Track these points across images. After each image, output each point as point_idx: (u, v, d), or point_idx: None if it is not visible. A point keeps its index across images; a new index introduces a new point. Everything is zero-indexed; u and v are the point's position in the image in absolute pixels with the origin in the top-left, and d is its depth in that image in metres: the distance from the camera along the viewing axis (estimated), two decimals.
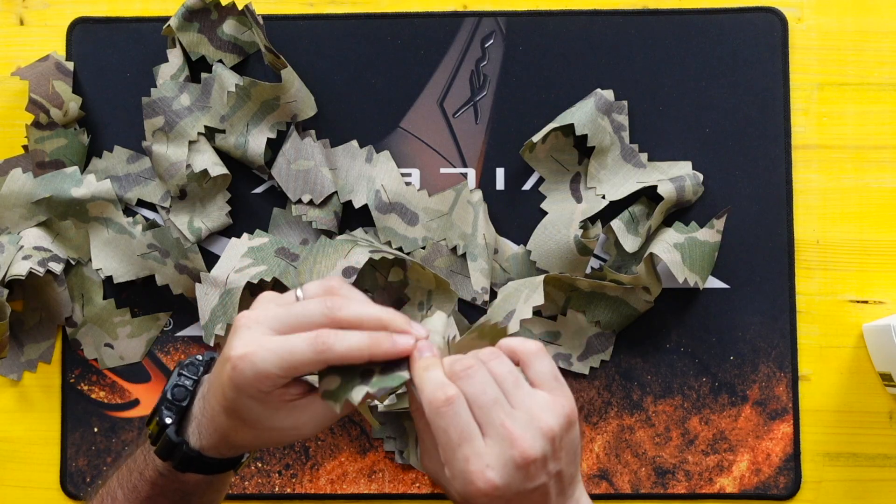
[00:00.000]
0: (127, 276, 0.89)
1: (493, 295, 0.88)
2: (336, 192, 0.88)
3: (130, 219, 0.89)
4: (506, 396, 0.57)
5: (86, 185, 0.88)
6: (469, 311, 0.89)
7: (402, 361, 0.59)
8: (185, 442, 0.63)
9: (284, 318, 0.58)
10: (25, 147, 0.90)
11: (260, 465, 0.90)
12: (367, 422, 0.87)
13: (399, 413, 0.88)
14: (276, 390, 0.58)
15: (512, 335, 0.66)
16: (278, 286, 0.88)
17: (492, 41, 0.91)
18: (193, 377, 0.65)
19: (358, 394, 0.57)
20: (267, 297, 0.61)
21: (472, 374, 0.57)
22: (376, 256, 0.85)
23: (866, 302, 0.90)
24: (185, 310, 0.90)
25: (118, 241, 0.89)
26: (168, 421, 0.64)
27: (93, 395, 0.90)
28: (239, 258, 0.87)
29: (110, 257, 0.89)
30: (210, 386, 0.63)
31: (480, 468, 0.56)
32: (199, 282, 0.87)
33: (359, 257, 0.84)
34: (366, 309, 0.59)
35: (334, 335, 0.57)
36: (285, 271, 0.87)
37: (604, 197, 0.88)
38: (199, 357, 0.66)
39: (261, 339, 0.57)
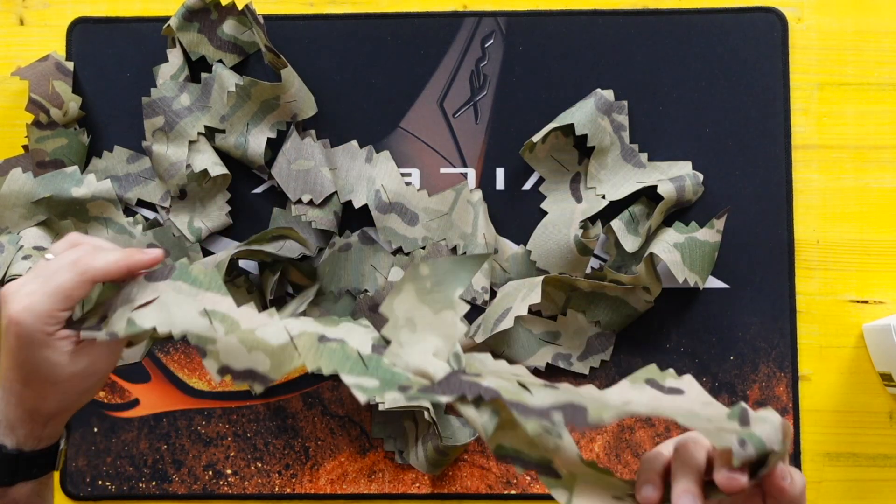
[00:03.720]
0: None
1: (493, 295, 0.88)
2: (336, 192, 0.88)
3: (130, 219, 0.89)
4: None
5: (86, 184, 0.88)
6: (469, 311, 0.89)
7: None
8: (1, 446, 0.62)
9: (39, 273, 0.60)
10: (25, 147, 0.90)
11: (260, 465, 0.90)
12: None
13: (399, 413, 0.88)
14: (60, 332, 0.60)
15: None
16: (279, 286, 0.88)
17: (492, 41, 0.91)
18: None
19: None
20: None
21: None
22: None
23: (866, 302, 0.90)
24: None
25: (118, 240, 0.89)
26: None
27: None
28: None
29: None
30: (2, 371, 0.62)
31: None
32: None
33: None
34: (111, 255, 0.61)
35: (91, 255, 0.60)
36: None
37: (604, 197, 0.88)
38: None
39: (27, 290, 0.60)
